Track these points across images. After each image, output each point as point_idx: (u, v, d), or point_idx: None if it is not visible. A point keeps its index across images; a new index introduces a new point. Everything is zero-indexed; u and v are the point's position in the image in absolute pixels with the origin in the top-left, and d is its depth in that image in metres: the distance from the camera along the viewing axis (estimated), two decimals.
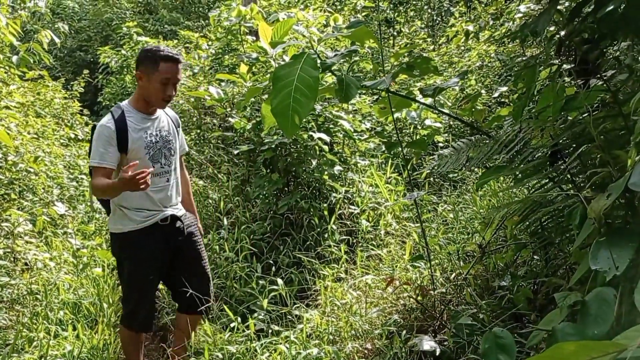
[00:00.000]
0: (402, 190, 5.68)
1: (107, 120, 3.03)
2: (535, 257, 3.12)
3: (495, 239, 3.31)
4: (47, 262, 4.34)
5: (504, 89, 5.31)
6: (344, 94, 2.44)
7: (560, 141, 2.42)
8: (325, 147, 5.01)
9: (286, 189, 5.13)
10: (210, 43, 8.95)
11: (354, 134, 5.42)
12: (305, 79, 2.47)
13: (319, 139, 4.89)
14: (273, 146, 5.04)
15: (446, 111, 3.56)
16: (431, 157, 6.77)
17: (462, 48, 8.29)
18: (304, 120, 5.47)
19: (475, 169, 6.10)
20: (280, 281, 3.70)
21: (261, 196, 5.15)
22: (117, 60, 12.67)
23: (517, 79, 3.02)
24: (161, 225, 3.17)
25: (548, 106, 2.72)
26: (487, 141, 2.85)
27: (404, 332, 3.00)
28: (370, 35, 2.63)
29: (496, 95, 6.14)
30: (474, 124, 3.20)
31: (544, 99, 2.78)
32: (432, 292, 3.13)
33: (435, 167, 2.98)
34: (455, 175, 6.57)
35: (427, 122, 6.61)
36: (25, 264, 4.45)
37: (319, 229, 4.78)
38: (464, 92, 7.77)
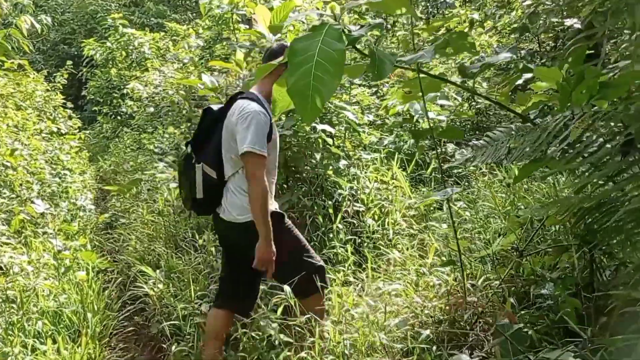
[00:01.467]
0: (408, 186, 5.26)
1: (259, 108, 2.75)
2: (578, 261, 2.71)
3: (530, 241, 2.90)
4: (24, 266, 3.85)
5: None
6: (377, 70, 2.01)
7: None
8: (329, 140, 4.57)
9: (285, 185, 4.68)
10: (200, 32, 8.46)
11: (358, 126, 4.99)
12: (329, 54, 2.03)
13: (323, 130, 4.45)
14: None
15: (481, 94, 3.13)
16: (433, 152, 6.36)
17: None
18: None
19: (481, 165, 5.70)
20: (287, 289, 3.27)
21: None
22: (102, 52, 12.12)
23: (563, 61, 2.61)
24: None
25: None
26: (533, 130, 2.43)
27: (434, 347, 2.58)
28: (404, 3, 2.21)
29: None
30: (506, 107, 2.78)
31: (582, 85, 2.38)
32: (463, 301, 2.72)
33: (470, 160, 2.56)
34: (460, 171, 6.17)
35: (430, 114, 6.23)
36: (0, 267, 3.96)
37: (323, 229, 4.34)
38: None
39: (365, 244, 4.49)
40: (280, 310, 3.08)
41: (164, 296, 3.90)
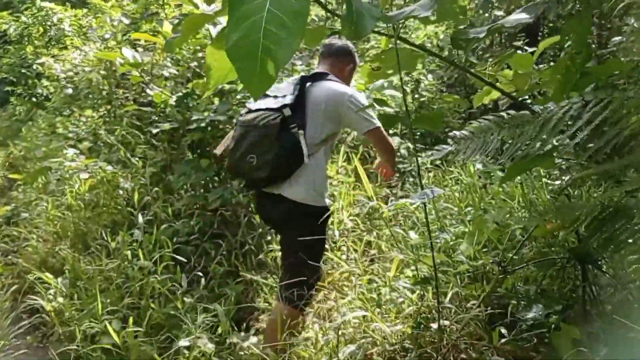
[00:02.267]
0: (353, 182, 4.73)
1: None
2: (568, 278, 2.25)
3: (515, 254, 2.41)
4: None
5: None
6: (355, 26, 1.43)
7: None
8: None
9: (217, 178, 4.04)
10: (125, 6, 7.60)
11: None
12: (286, 3, 1.44)
13: None
14: (203, 125, 3.94)
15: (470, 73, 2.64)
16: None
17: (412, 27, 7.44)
18: (243, 91, 4.41)
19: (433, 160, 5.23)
20: (219, 308, 2.66)
21: (186, 187, 4.03)
22: (17, 27, 10.97)
23: (564, 34, 2.12)
24: None
25: None
26: (532, 120, 1.93)
27: None
28: None
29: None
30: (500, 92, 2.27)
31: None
32: (434, 326, 2.19)
33: (452, 154, 2.03)
34: (407, 166, 5.69)
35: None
36: None
37: (260, 230, 3.73)
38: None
39: None
40: None
41: (66, 310, 3.19)
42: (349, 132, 5.46)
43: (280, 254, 3.07)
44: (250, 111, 2.76)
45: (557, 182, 3.11)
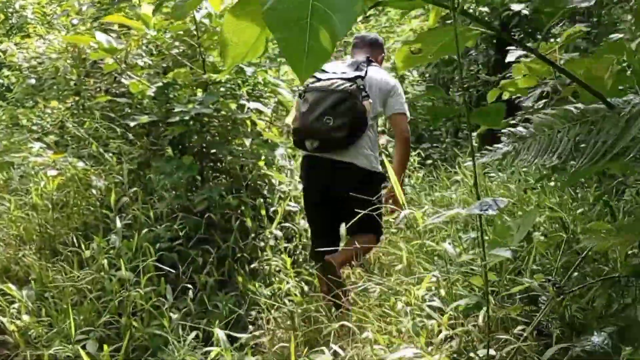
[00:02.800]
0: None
1: None
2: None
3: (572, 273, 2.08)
4: None
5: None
6: None
7: None
8: (262, 123, 3.56)
9: (200, 177, 3.62)
10: None
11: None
12: None
13: (257, 110, 3.44)
14: (187, 118, 3.52)
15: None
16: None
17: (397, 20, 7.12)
18: (232, 82, 3.98)
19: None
20: (220, 334, 2.25)
21: (168, 186, 3.61)
22: None
23: None
24: None
25: None
26: (609, 114, 1.59)
27: None
28: None
29: None
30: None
31: None
32: (480, 354, 1.84)
33: (509, 155, 1.68)
34: None
35: None
36: None
37: (253, 235, 3.34)
38: None
39: (303, 255, 3.56)
40: None
41: (33, 329, 2.74)
42: None
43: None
44: (320, 79, 2.93)
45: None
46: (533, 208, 2.85)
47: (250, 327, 2.98)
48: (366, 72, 2.98)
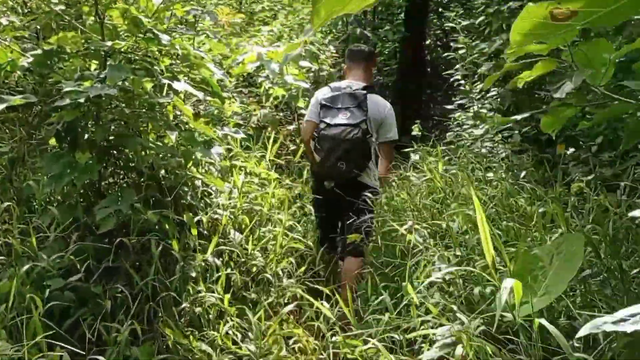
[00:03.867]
0: (274, 179, 3.54)
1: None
2: None
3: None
4: None
5: None
6: None
7: None
8: (189, 110, 2.60)
9: (105, 184, 2.62)
10: None
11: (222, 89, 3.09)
12: None
13: (187, 94, 2.50)
14: (81, 100, 2.49)
15: None
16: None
17: None
18: (141, 52, 2.93)
19: None
20: None
21: (55, 195, 2.57)
22: None
23: None
24: None
25: None
26: None
27: None
28: None
29: None
30: None
31: None
32: None
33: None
34: None
35: (288, 78, 4.62)
36: None
37: (182, 263, 2.41)
38: None
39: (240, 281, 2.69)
40: None
41: None
42: None
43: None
44: (330, 125, 3.31)
45: None
46: (578, 231, 2.21)
47: None
48: (367, 110, 3.34)
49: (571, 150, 4.40)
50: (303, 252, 3.24)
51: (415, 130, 4.57)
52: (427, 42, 10.77)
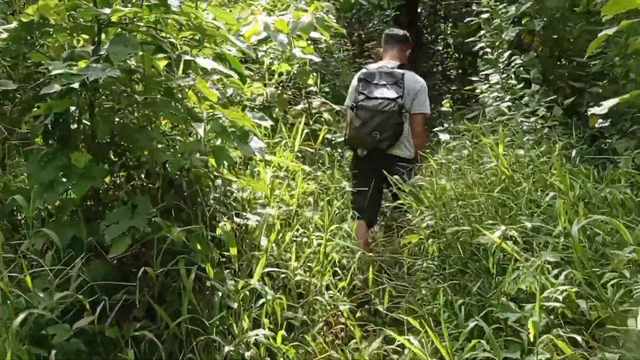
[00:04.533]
0: (300, 169, 3.00)
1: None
2: None
3: None
4: None
5: None
6: None
7: None
8: (214, 94, 2.02)
9: (114, 190, 2.05)
10: None
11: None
12: None
13: (213, 71, 1.92)
14: (74, 86, 1.90)
15: None
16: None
17: None
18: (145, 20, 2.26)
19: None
20: None
21: (46, 211, 2.00)
22: None
23: None
24: None
25: None
26: None
27: None
28: None
29: None
30: None
31: None
32: None
33: None
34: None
35: (297, 52, 4.13)
36: None
37: (219, 294, 1.87)
38: None
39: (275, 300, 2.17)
40: None
41: None
42: None
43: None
44: (369, 98, 3.49)
45: None
46: None
47: None
48: (403, 88, 3.49)
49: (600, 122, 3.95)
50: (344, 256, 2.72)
51: (446, 106, 4.07)
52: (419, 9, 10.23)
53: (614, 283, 1.71)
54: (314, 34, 4.27)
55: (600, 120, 4.00)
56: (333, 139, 4.71)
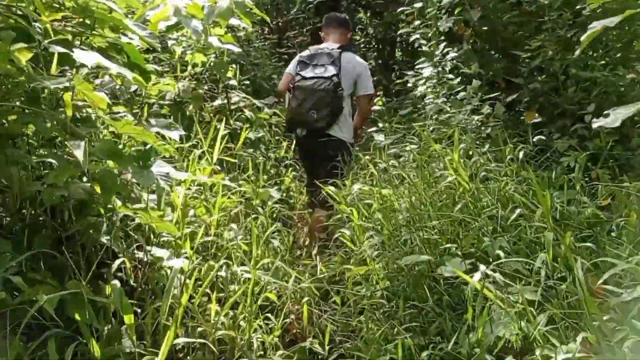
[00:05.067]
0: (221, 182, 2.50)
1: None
2: None
3: None
4: None
5: None
6: None
7: None
8: (104, 100, 1.48)
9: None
10: None
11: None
12: None
13: (98, 66, 1.38)
14: None
15: None
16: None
17: None
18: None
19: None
20: None
21: None
22: None
23: None
24: None
25: None
26: None
27: None
28: None
29: None
30: None
31: None
32: None
33: None
34: None
35: (213, 40, 3.64)
36: None
37: None
38: None
39: None
40: None
41: None
42: None
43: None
44: (305, 78, 3.58)
45: None
46: None
47: None
48: (339, 66, 3.57)
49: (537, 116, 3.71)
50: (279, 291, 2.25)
51: (379, 104, 3.69)
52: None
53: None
54: (233, 21, 3.74)
55: (536, 115, 3.76)
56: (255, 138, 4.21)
